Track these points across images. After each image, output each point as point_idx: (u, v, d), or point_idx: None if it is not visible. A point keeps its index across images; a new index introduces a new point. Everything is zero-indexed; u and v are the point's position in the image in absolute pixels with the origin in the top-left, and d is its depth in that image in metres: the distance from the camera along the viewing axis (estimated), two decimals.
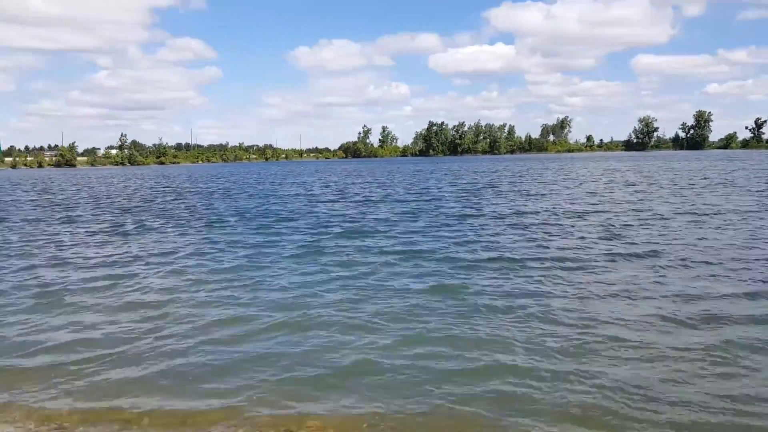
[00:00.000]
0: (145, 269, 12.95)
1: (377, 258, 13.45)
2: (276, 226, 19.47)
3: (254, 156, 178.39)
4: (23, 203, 32.25)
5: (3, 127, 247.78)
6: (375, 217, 21.59)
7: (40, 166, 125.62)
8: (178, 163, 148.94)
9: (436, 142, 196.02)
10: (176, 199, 32.84)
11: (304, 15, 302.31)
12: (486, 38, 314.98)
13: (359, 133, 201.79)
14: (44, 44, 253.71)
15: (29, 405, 6.52)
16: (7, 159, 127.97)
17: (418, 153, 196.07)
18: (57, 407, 6.44)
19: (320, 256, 13.80)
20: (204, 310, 9.70)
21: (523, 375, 6.81)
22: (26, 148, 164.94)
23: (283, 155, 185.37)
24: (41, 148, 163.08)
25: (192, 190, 41.55)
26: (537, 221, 19.10)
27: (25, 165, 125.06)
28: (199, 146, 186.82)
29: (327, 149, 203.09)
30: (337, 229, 18.31)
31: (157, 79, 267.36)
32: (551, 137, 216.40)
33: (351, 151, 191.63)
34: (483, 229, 17.71)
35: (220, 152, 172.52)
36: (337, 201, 29.15)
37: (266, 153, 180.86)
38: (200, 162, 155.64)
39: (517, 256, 13.17)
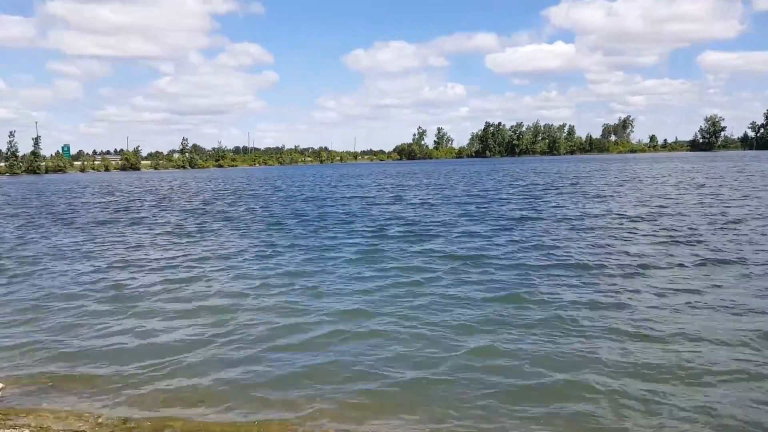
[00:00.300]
0: (208, 272, 12.95)
1: (440, 264, 13.03)
2: (334, 230, 19.31)
3: (309, 159, 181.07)
4: (92, 206, 33.32)
5: (72, 132, 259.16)
6: (434, 220, 21.17)
7: (106, 169, 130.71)
8: (236, 166, 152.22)
9: (493, 143, 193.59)
10: (235, 202, 33.24)
11: (360, 18, 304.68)
12: (545, 37, 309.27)
13: (414, 135, 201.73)
14: (111, 52, 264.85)
15: (95, 409, 6.53)
16: (76, 163, 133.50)
17: (474, 154, 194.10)
18: (122, 411, 6.44)
19: (381, 262, 13.47)
20: (267, 316, 9.55)
21: (607, 395, 6.26)
22: (94, 152, 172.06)
23: (338, 157, 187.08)
24: (108, 152, 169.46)
25: (250, 193, 42.13)
26: (607, 225, 18.27)
27: (93, 169, 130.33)
28: (256, 149, 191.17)
29: (381, 151, 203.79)
30: (397, 233, 17.98)
31: (217, 84, 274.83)
32: (613, 137, 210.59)
33: (406, 153, 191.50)
34: (549, 233, 17.04)
35: (276, 155, 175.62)
36: (395, 203, 28.85)
37: (321, 155, 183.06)
38: (257, 165, 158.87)
39: (590, 262, 12.50)
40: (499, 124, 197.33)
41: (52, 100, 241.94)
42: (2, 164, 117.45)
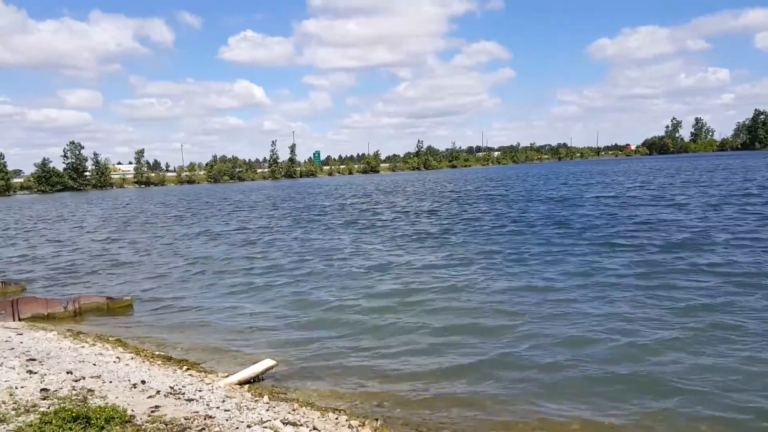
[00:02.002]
0: (459, 279, 12.39)
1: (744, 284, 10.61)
2: (590, 235, 17.26)
3: (546, 156, 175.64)
4: (346, 207, 35.85)
5: (322, 140, 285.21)
6: (717, 225, 17.94)
7: (350, 173, 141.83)
8: (469, 166, 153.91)
9: (764, 134, 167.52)
10: (474, 203, 32.99)
11: (606, 5, 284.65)
12: None
13: (667, 127, 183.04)
14: (357, 63, 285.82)
15: (352, 390, 7.01)
16: (324, 167, 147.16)
17: (740, 147, 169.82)
18: (376, 396, 6.80)
19: (663, 279, 11.32)
20: (548, 324, 8.90)
21: None
22: (339, 157, 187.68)
23: (578, 154, 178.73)
24: (351, 158, 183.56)
25: (488, 194, 41.29)
26: None
27: (339, 173, 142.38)
28: (489, 149, 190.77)
29: (628, 146, 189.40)
30: (674, 241, 15.34)
31: (452, 85, 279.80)
32: None
33: (657, 147, 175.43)
34: None
35: (510, 154, 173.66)
36: (659, 205, 25.22)
37: (559, 152, 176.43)
38: (490, 164, 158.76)
39: None
40: None
41: (306, 111, 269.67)
42: (266, 170, 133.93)
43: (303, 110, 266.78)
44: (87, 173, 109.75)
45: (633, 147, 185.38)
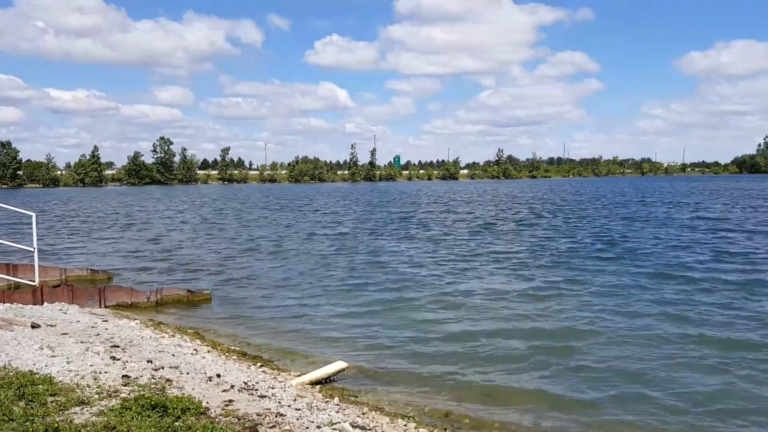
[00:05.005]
0: (556, 301, 11.59)
1: None
2: (702, 267, 14.91)
3: (629, 170, 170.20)
4: (436, 215, 35.57)
5: (402, 144, 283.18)
6: None
7: (429, 178, 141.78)
8: (549, 177, 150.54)
9: None
10: (566, 220, 31.84)
11: (699, 18, 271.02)
12: None
13: (759, 145, 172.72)
14: (441, 69, 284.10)
15: (421, 399, 6.67)
16: (404, 172, 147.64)
17: None
18: (444, 405, 6.68)
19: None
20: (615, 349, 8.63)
21: None
22: (419, 162, 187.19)
23: (662, 170, 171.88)
24: (430, 163, 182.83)
25: (581, 208, 39.73)
26: None
27: (418, 177, 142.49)
28: (571, 160, 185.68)
29: (716, 163, 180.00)
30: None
31: (536, 95, 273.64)
32: None
33: (747, 166, 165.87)
34: None
35: (592, 166, 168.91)
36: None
37: (643, 167, 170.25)
38: (571, 176, 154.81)
39: None
40: None
41: (388, 115, 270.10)
42: (346, 172, 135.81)
43: (385, 114, 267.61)
44: (174, 168, 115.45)
45: (722, 165, 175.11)
